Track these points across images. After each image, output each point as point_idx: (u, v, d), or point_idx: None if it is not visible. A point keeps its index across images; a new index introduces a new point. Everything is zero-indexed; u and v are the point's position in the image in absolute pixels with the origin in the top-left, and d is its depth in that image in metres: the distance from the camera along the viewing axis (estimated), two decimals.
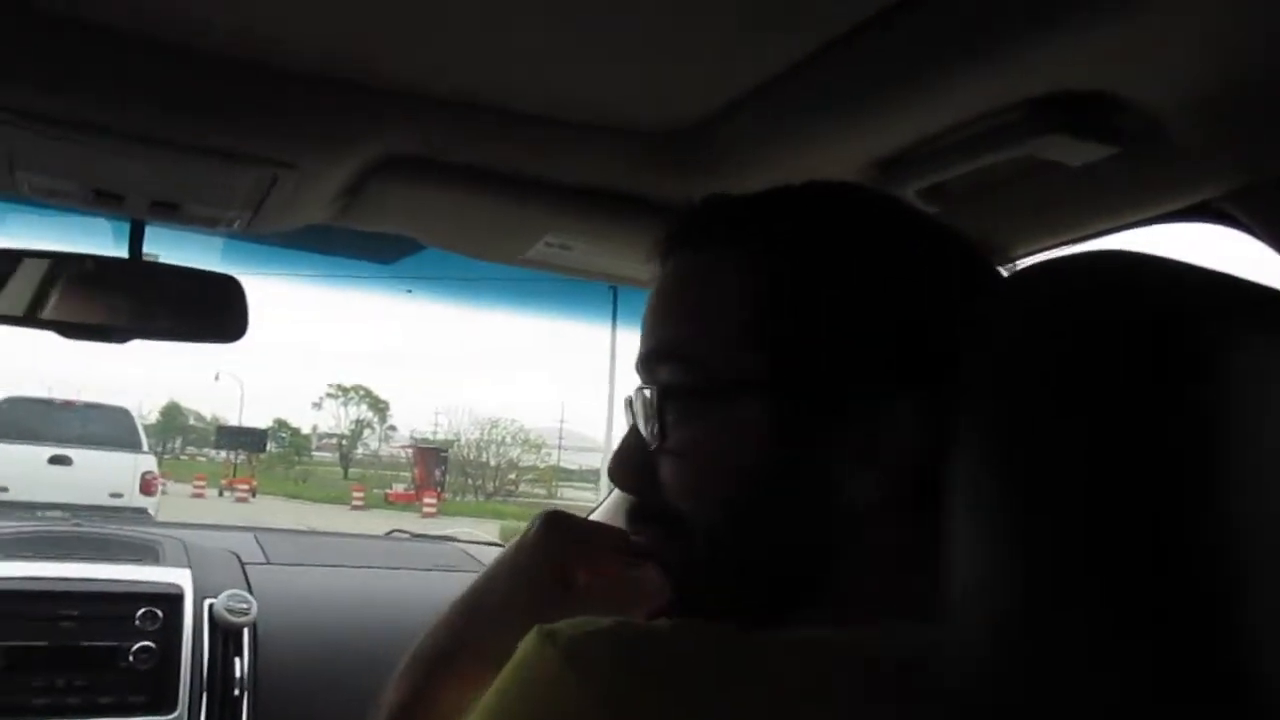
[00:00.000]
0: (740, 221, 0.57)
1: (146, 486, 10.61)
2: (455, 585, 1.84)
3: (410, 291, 1.82)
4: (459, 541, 2.25)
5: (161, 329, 1.25)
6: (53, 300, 1.24)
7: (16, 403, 11.54)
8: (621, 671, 0.42)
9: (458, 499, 29.04)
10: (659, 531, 0.56)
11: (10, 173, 1.03)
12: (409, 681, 0.62)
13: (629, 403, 0.59)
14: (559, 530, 0.61)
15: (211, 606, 1.49)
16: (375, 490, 27.88)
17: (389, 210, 1.17)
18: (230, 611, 1.48)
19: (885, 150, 0.88)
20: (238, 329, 1.26)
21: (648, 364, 0.57)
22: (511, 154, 1.04)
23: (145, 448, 11.52)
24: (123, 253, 1.23)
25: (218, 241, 1.61)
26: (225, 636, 1.48)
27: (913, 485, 0.49)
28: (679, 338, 0.56)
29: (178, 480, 23.04)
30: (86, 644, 1.39)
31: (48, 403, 12.07)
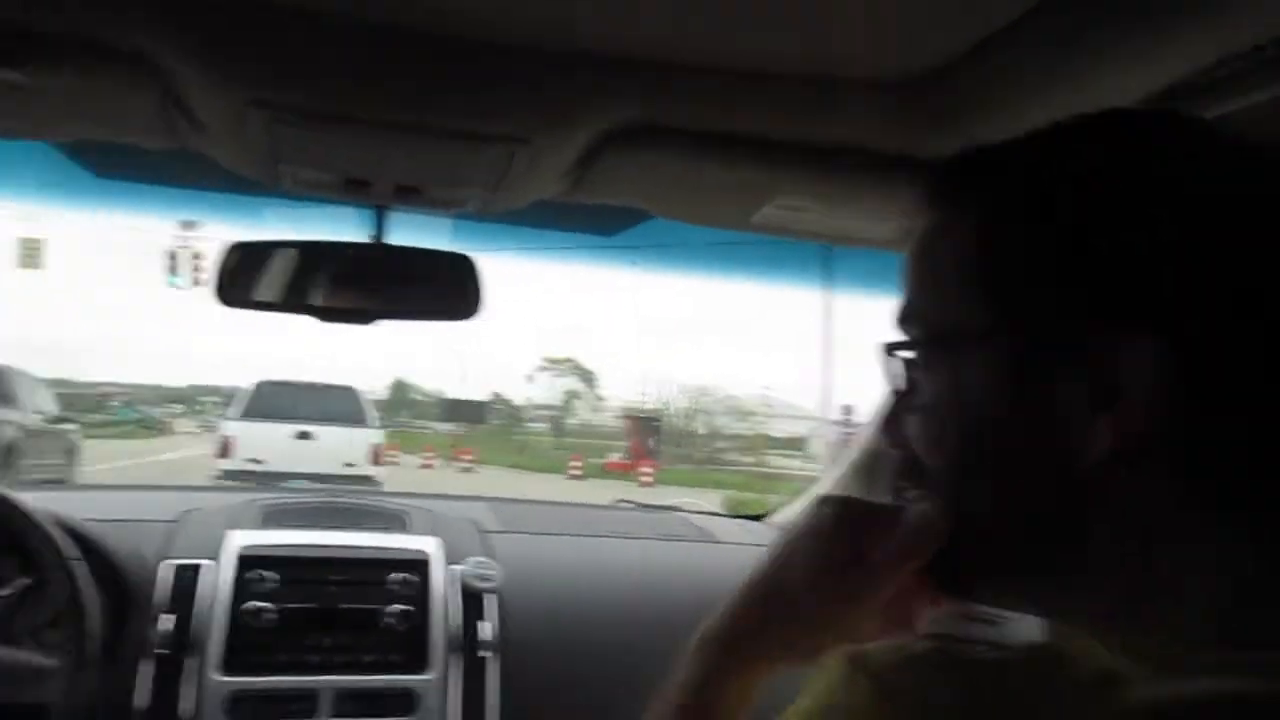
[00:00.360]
0: (979, 172, 0.55)
1: (375, 457, 11.85)
2: (684, 555, 1.84)
3: (635, 264, 1.83)
4: (683, 511, 2.26)
5: (406, 309, 1.31)
6: (309, 286, 1.33)
7: (267, 386, 12.80)
8: (939, 704, 0.40)
9: (671, 468, 29.33)
10: (923, 489, 0.56)
11: (274, 166, 1.10)
12: (699, 662, 0.61)
13: (887, 362, 0.59)
14: (852, 514, 0.60)
15: (458, 572, 1.56)
16: (590, 460, 28.22)
17: (619, 181, 1.17)
18: (476, 578, 1.55)
19: (1147, 88, 0.79)
20: (474, 306, 1.31)
21: (900, 323, 0.58)
22: (741, 116, 1.01)
23: (374, 423, 12.70)
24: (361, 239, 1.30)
25: (445, 223, 1.68)
26: (472, 601, 1.55)
27: (1153, 435, 0.47)
28: (919, 295, 0.57)
29: (406, 451, 24.42)
30: (348, 606, 1.49)
31: (294, 385, 13.22)
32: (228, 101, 0.93)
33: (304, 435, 11.54)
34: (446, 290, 1.30)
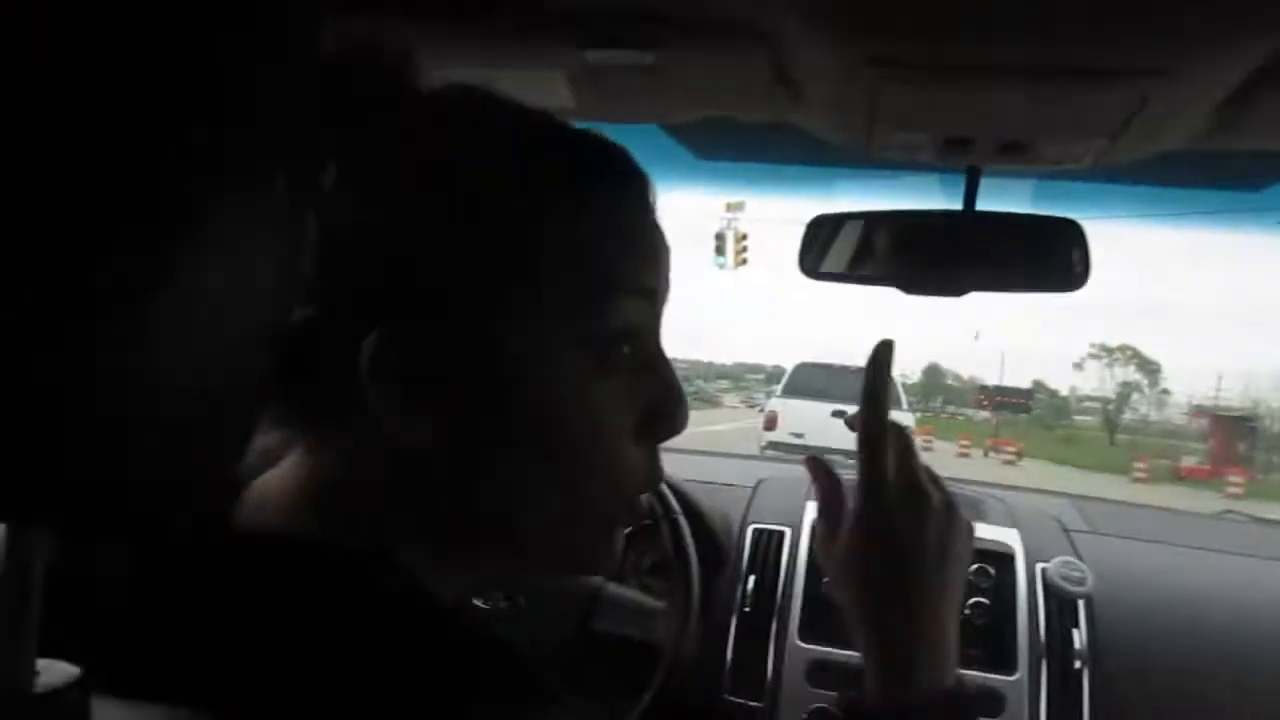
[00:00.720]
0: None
1: None
2: None
3: None
4: None
5: (1002, 280, 1.21)
6: (895, 257, 1.29)
7: (805, 368, 14.39)
8: None
9: (1265, 478, 24.96)
10: None
11: (869, 133, 1.07)
12: None
13: None
14: None
15: (1044, 571, 1.43)
16: (1157, 461, 25.18)
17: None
18: (1065, 579, 1.40)
19: None
20: (1079, 276, 1.17)
21: None
22: None
23: (904, 406, 13.56)
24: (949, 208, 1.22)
25: (1025, 188, 1.53)
26: (1060, 605, 1.40)
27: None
28: None
29: (940, 438, 23.77)
30: None
31: (828, 367, 14.47)
32: (838, 62, 0.90)
33: (839, 414, 11.82)
34: (1048, 259, 1.18)
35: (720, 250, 17.22)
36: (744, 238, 16.56)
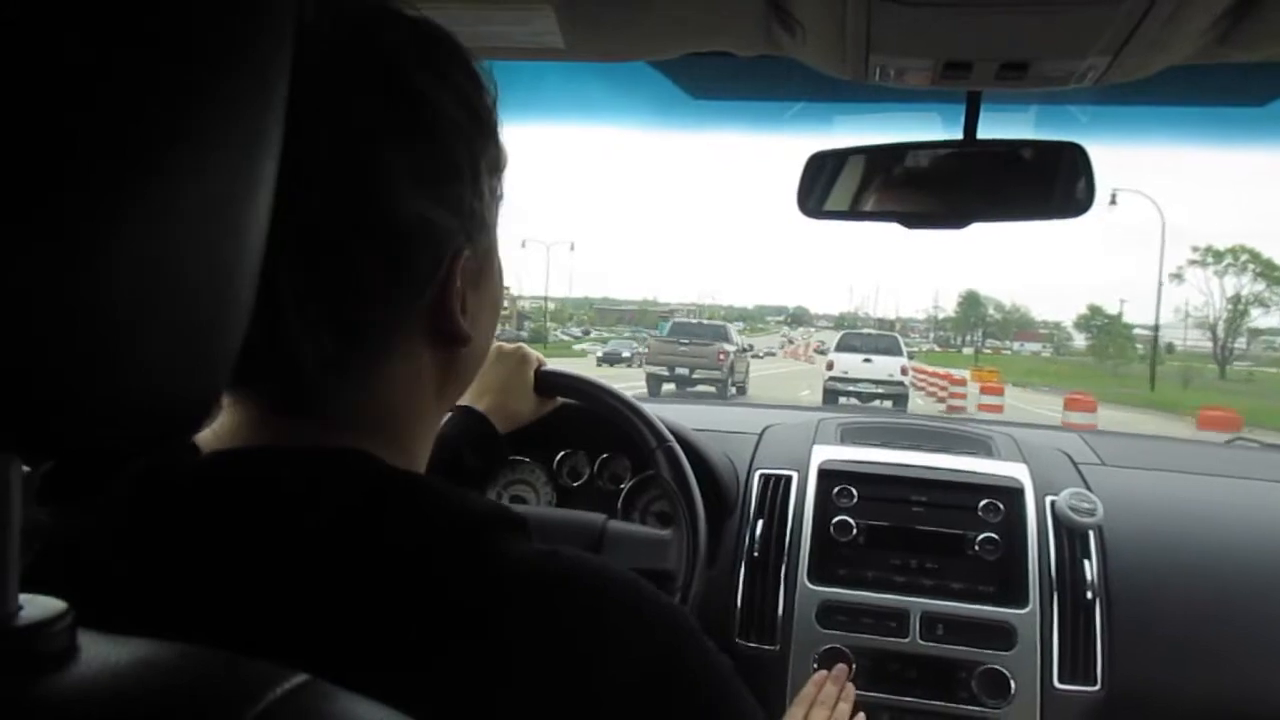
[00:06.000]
0: None
1: (904, 371, 20.14)
2: None
3: None
4: None
5: (1007, 209, 1.19)
6: (896, 191, 1.26)
7: (848, 335, 22.91)
8: None
9: None
10: None
11: (864, 58, 1.04)
12: None
13: None
14: None
15: (1054, 504, 1.42)
16: None
17: None
18: (1074, 510, 1.39)
19: None
20: (1086, 200, 1.14)
21: None
22: None
23: (904, 353, 21.46)
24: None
25: (1027, 118, 1.50)
26: (1070, 536, 1.40)
27: None
28: None
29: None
30: (932, 529, 1.43)
31: (860, 334, 24.03)
32: None
33: (867, 360, 20.23)
34: (1053, 184, 1.15)
35: None
36: None
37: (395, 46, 0.53)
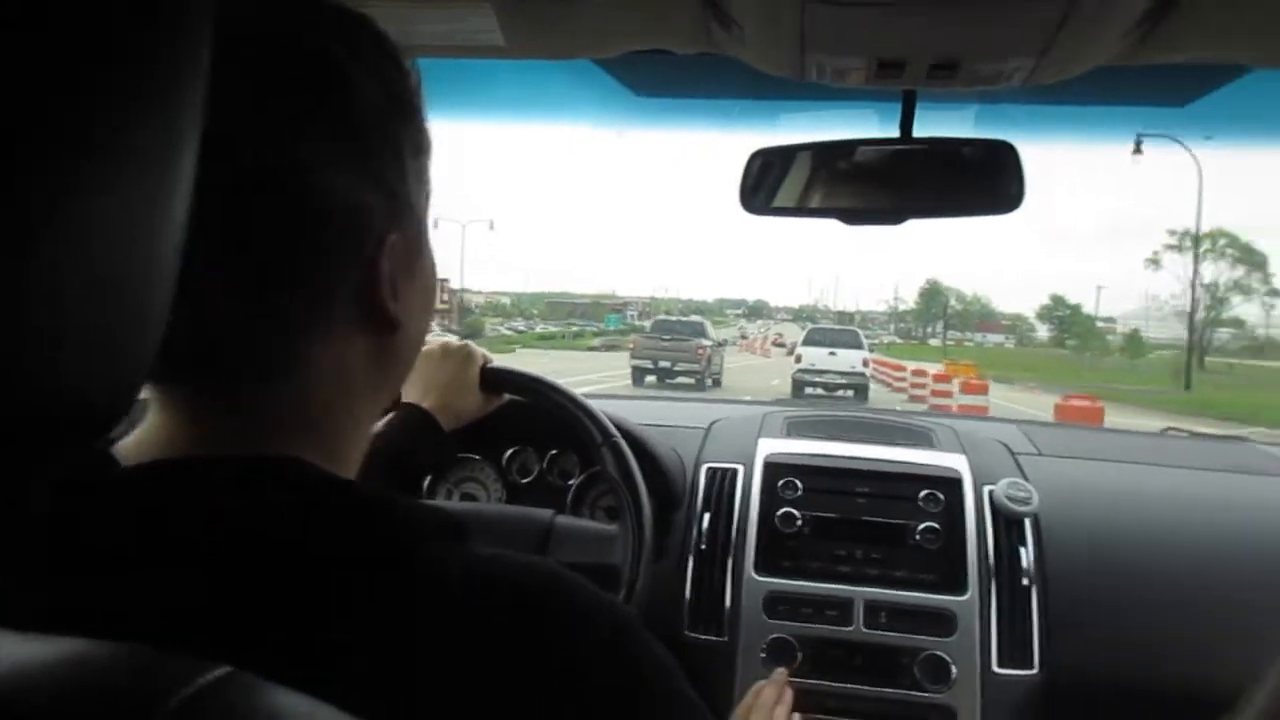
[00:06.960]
0: None
1: (865, 364, 21.79)
2: (1257, 488, 1.57)
3: (1210, 138, 1.52)
4: (1253, 442, 1.92)
5: (941, 205, 1.22)
6: (834, 188, 1.29)
7: (813, 330, 24.75)
8: None
9: None
10: None
11: (801, 59, 1.06)
12: None
13: None
14: None
15: (991, 493, 1.46)
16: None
17: (1202, 30, 0.97)
18: (1011, 499, 1.43)
19: None
20: (1017, 197, 1.18)
21: None
22: None
23: (865, 346, 23.39)
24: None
25: (967, 117, 1.53)
26: (1007, 525, 1.44)
27: None
28: None
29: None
30: (874, 520, 1.46)
31: (824, 329, 26.07)
32: None
33: (832, 353, 21.90)
34: (985, 181, 1.18)
35: None
36: None
37: (313, 29, 0.53)
